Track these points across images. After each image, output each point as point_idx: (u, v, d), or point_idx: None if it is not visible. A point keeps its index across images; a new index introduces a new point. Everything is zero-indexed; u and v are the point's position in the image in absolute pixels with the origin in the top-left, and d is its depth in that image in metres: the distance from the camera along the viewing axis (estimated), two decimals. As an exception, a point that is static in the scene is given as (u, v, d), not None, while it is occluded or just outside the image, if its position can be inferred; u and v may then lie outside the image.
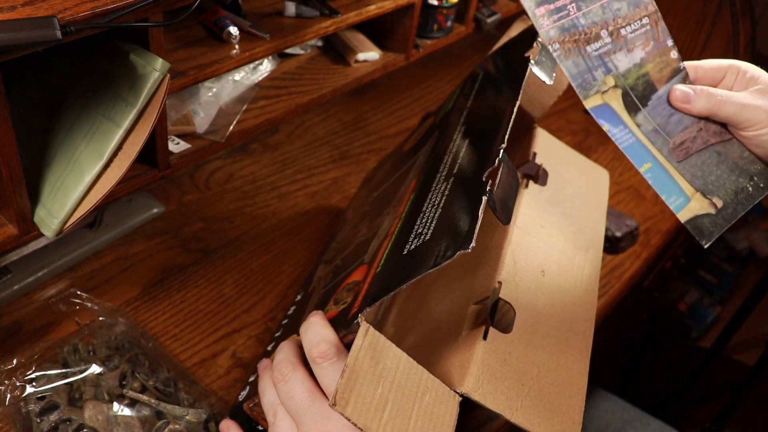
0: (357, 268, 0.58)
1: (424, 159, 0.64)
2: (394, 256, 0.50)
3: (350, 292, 0.54)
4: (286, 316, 0.69)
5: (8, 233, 0.54)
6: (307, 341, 0.47)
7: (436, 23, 0.89)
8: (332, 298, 0.57)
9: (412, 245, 0.48)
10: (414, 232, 0.50)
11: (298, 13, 0.71)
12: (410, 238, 0.49)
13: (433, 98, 1.12)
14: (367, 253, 0.58)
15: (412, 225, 0.51)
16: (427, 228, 0.48)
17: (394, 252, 0.51)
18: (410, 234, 0.50)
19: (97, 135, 0.52)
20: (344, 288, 0.56)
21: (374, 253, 0.56)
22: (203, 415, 0.58)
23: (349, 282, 0.56)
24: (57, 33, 0.43)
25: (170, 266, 0.76)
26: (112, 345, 0.62)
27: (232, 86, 0.75)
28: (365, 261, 0.57)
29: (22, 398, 0.55)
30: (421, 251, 0.46)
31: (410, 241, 0.49)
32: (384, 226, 0.60)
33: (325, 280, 0.66)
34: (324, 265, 0.71)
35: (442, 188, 0.52)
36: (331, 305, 0.55)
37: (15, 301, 0.69)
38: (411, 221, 0.52)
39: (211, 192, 0.87)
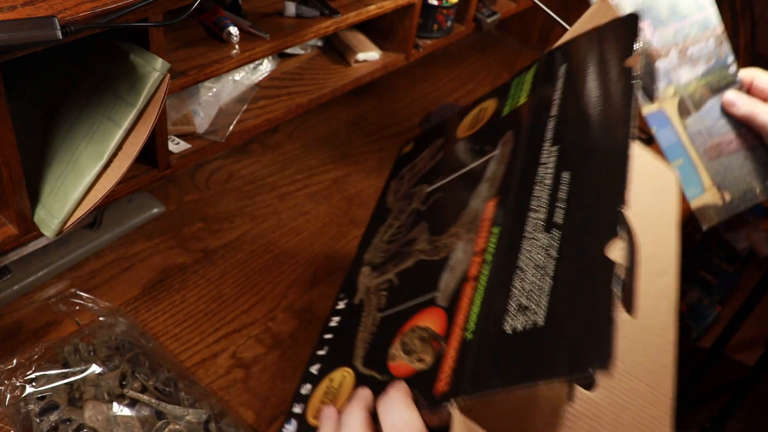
0: (428, 307, 0.50)
1: (501, 174, 0.54)
2: (493, 328, 0.42)
3: (425, 345, 0.46)
4: (329, 328, 0.60)
5: (8, 233, 0.54)
6: (389, 424, 0.42)
7: (436, 23, 0.89)
8: (396, 337, 0.50)
9: (517, 323, 0.40)
10: (514, 298, 0.42)
11: (298, 13, 0.71)
12: (510, 308, 0.41)
13: (433, 98, 1.12)
14: (440, 291, 0.50)
15: (507, 285, 0.43)
16: (535, 303, 0.40)
17: (490, 321, 0.42)
18: (508, 299, 0.42)
19: (97, 135, 0.52)
20: (413, 332, 0.49)
21: (452, 298, 0.48)
22: (203, 415, 0.58)
23: (419, 326, 0.49)
24: (57, 33, 0.43)
25: (170, 266, 0.76)
26: (112, 345, 0.62)
27: (232, 86, 0.75)
28: (439, 303, 0.49)
29: (22, 398, 0.55)
30: (533, 341, 0.38)
31: (512, 314, 0.41)
32: (457, 257, 0.51)
33: (378, 298, 0.57)
34: (370, 270, 0.61)
35: (544, 242, 0.43)
36: (399, 351, 0.48)
37: (15, 301, 0.69)
38: (505, 277, 0.44)
39: (211, 192, 0.87)
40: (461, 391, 0.40)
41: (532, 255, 0.43)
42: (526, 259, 0.43)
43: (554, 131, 0.52)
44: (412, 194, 0.66)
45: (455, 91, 1.14)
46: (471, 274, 0.48)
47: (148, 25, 0.52)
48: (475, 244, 0.50)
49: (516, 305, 0.41)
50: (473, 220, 0.53)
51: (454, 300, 0.47)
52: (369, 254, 0.64)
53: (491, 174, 0.56)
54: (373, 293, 0.58)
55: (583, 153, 0.47)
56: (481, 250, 0.49)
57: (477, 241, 0.50)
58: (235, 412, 0.63)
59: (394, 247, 0.61)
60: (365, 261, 0.63)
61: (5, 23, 0.42)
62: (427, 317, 0.49)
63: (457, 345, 0.43)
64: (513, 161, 0.54)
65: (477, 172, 0.58)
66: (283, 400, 0.65)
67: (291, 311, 0.73)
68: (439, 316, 0.48)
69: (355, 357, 0.53)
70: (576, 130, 0.50)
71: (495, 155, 0.58)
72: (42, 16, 0.44)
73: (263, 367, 0.67)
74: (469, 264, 0.49)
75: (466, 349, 0.42)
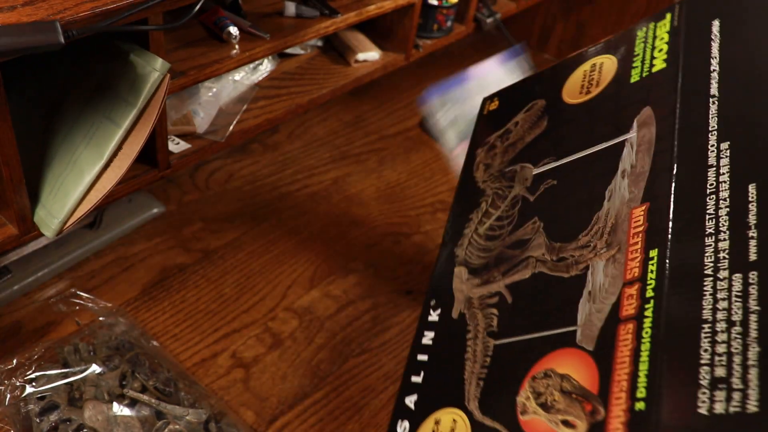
0: (564, 347, 0.39)
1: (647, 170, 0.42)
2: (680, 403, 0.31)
3: (573, 403, 0.36)
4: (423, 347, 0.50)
5: (8, 233, 0.54)
6: None
7: (436, 23, 0.89)
8: (524, 381, 0.40)
9: (716, 404, 0.29)
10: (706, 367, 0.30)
11: (298, 13, 0.71)
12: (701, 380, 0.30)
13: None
14: (579, 327, 0.39)
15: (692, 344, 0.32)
16: (740, 379, 0.29)
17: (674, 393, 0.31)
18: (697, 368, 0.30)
19: (97, 135, 0.52)
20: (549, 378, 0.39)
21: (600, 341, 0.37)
22: (203, 415, 0.58)
23: (555, 371, 0.39)
24: (59, 37, 0.43)
25: (170, 266, 0.76)
26: (112, 345, 0.62)
27: (232, 86, 0.75)
28: (582, 344, 0.38)
29: (22, 398, 0.55)
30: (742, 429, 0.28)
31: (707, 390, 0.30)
32: (598, 280, 0.40)
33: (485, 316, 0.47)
34: (468, 274, 0.51)
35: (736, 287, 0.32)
36: (531, 401, 0.39)
37: (15, 301, 0.69)
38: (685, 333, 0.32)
39: (211, 192, 0.87)
40: None
41: (719, 303, 0.32)
42: (712, 309, 0.32)
43: (720, 119, 0.39)
44: (511, 174, 0.54)
45: (455, 91, 1.14)
46: (626, 312, 0.37)
47: (149, 29, 0.52)
48: (624, 269, 0.39)
49: (708, 378, 0.30)
50: (614, 231, 0.42)
51: (604, 345, 0.37)
52: (461, 250, 0.53)
53: (629, 167, 0.44)
54: (478, 309, 0.48)
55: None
56: (634, 279, 0.38)
57: (626, 264, 0.39)
58: (235, 412, 0.63)
59: (497, 245, 0.50)
60: (459, 259, 0.52)
61: (7, 28, 0.42)
62: (565, 360, 0.39)
63: (623, 415, 0.33)
64: (662, 154, 0.41)
65: (606, 159, 0.46)
66: (283, 400, 0.65)
67: (291, 311, 0.73)
68: (585, 363, 0.37)
69: (467, 397, 0.43)
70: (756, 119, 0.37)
71: (630, 139, 0.45)
72: (44, 20, 0.44)
73: (263, 367, 0.67)
74: (619, 296, 0.38)
75: (640, 422, 0.32)
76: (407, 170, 0.96)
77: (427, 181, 0.95)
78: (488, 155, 0.57)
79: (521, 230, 0.49)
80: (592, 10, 1.19)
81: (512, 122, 0.58)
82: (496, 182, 0.55)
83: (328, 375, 0.68)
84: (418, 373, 0.48)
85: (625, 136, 0.45)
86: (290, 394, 0.65)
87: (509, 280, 0.47)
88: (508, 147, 0.57)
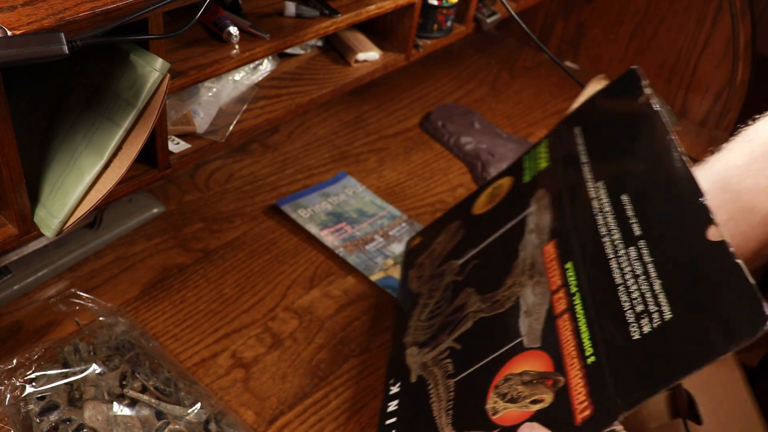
0: (516, 354, 0.50)
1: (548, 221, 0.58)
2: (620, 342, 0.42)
3: (536, 386, 0.46)
4: (389, 414, 0.59)
5: (8, 233, 0.54)
6: None
7: (436, 23, 0.89)
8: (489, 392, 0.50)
9: (644, 327, 0.41)
10: (629, 311, 0.43)
11: (298, 13, 0.71)
12: (629, 319, 0.42)
13: (433, 98, 1.12)
14: (524, 336, 0.51)
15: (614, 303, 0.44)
16: (654, 305, 0.41)
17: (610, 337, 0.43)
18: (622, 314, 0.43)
19: (97, 135, 0.52)
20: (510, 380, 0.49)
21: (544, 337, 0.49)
22: (203, 415, 0.58)
23: (513, 373, 0.49)
24: (63, 48, 0.44)
25: (170, 266, 0.76)
26: (112, 345, 0.62)
27: (232, 86, 0.75)
28: (530, 345, 0.49)
29: (22, 398, 0.55)
30: (669, 334, 0.39)
31: (635, 323, 0.42)
32: (530, 300, 0.53)
33: (441, 367, 0.57)
34: (418, 349, 0.62)
35: (632, 255, 0.46)
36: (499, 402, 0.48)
37: (15, 301, 0.69)
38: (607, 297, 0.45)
39: (211, 192, 0.87)
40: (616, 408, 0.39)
41: (625, 269, 0.45)
42: (621, 275, 0.45)
43: (593, 172, 0.56)
44: (441, 272, 0.68)
45: (455, 91, 1.15)
46: (559, 310, 0.49)
47: (151, 38, 0.52)
48: (548, 284, 0.52)
49: (633, 315, 0.42)
50: (532, 266, 0.55)
51: (548, 338, 0.48)
52: (409, 337, 0.65)
53: (535, 226, 0.59)
54: (434, 366, 0.58)
55: (634, 176, 0.51)
56: (559, 287, 0.51)
57: (549, 281, 0.52)
58: (235, 412, 0.63)
59: (439, 320, 0.62)
60: (408, 344, 0.64)
61: (13, 39, 0.42)
62: (520, 363, 0.49)
63: (580, 372, 0.44)
64: (558, 208, 0.57)
65: (515, 231, 0.61)
66: (283, 400, 0.65)
67: (291, 311, 0.73)
68: (537, 357, 0.48)
69: (441, 428, 0.52)
70: (616, 165, 0.54)
71: (531, 211, 0.61)
72: (48, 30, 0.44)
73: (263, 367, 0.67)
74: (550, 303, 0.50)
75: (596, 371, 0.42)
76: (407, 170, 0.96)
77: (427, 181, 0.95)
78: (419, 271, 0.72)
79: (457, 300, 0.61)
80: (592, 10, 1.19)
81: (435, 242, 0.74)
82: (429, 282, 0.68)
83: (328, 375, 0.68)
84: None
85: (527, 212, 0.61)
86: (290, 394, 0.65)
87: (455, 335, 0.58)
88: (434, 258, 0.71)
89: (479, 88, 1.17)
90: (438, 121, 1.04)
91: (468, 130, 1.03)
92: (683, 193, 0.45)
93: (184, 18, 0.54)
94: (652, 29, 1.14)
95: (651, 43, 1.15)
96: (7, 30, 0.43)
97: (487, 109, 1.11)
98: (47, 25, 0.44)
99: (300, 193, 0.88)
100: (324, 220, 0.84)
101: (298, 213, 0.84)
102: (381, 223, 0.85)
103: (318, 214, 0.84)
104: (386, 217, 0.86)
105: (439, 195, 0.93)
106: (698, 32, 1.09)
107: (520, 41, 1.31)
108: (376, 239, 0.82)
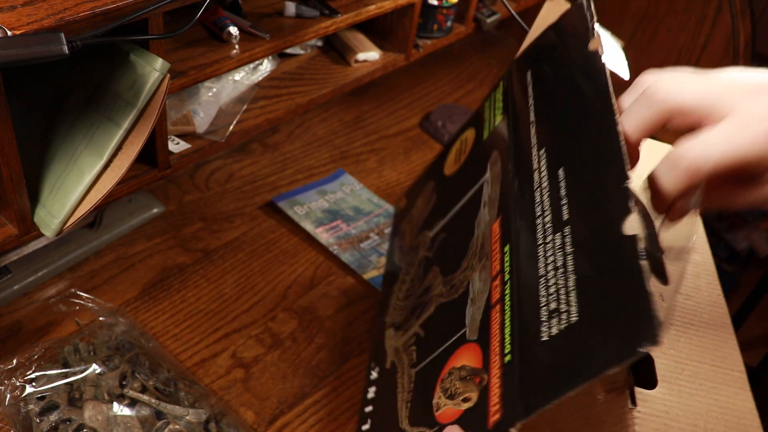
0: (459, 346, 0.48)
1: (497, 193, 0.53)
2: (528, 341, 0.40)
3: (468, 383, 0.44)
4: (368, 401, 0.59)
5: (8, 233, 0.54)
6: None
7: (436, 23, 0.89)
8: (437, 386, 0.48)
9: (552, 328, 0.38)
10: (544, 307, 0.39)
11: (298, 13, 0.71)
12: (542, 317, 0.39)
13: (433, 98, 1.12)
14: (467, 327, 0.48)
15: (534, 296, 0.41)
16: (565, 303, 0.38)
17: (524, 335, 0.40)
18: (538, 310, 0.40)
19: (97, 135, 0.52)
20: (452, 375, 0.47)
21: (481, 329, 0.46)
22: (203, 415, 0.58)
23: (455, 367, 0.47)
24: (63, 48, 0.44)
25: (170, 266, 0.76)
26: (112, 345, 0.62)
27: (232, 86, 0.75)
28: (470, 338, 0.47)
29: (22, 398, 0.55)
30: (573, 339, 0.36)
31: (546, 322, 0.39)
32: (476, 287, 0.50)
33: (408, 355, 0.56)
34: (394, 331, 0.60)
35: (557, 243, 0.41)
36: (443, 398, 0.46)
37: (15, 301, 0.69)
38: (529, 291, 0.41)
39: (211, 192, 0.87)
40: (516, 414, 0.37)
41: (548, 259, 0.41)
42: (545, 265, 0.41)
43: (537, 135, 0.50)
44: (416, 245, 0.65)
45: (455, 91, 1.14)
46: (494, 299, 0.45)
47: (151, 38, 0.52)
48: (491, 270, 0.48)
49: (546, 312, 0.39)
50: (482, 247, 0.51)
51: (483, 330, 0.45)
52: (389, 316, 0.63)
53: (487, 197, 0.54)
54: (403, 352, 0.56)
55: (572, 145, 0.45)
56: (497, 273, 0.46)
57: (492, 265, 0.48)
58: (235, 412, 0.63)
59: (411, 301, 0.60)
60: (387, 324, 0.63)
61: (13, 39, 0.42)
62: (461, 356, 0.47)
63: (498, 371, 0.41)
64: (505, 178, 0.52)
65: (474, 201, 0.56)
66: (283, 400, 0.65)
67: (291, 311, 0.73)
68: (473, 351, 0.45)
69: (400, 420, 0.51)
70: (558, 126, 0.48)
71: (486, 178, 0.56)
72: (48, 30, 0.44)
73: (263, 367, 0.67)
74: (490, 290, 0.47)
75: (509, 371, 0.40)
76: (407, 170, 0.96)
77: (427, 181, 0.95)
78: (401, 240, 0.71)
79: (426, 281, 0.59)
80: (592, 10, 1.19)
81: (414, 207, 0.71)
82: (407, 256, 0.67)
83: (328, 375, 0.68)
84: (366, 422, 0.57)
85: (483, 178, 0.57)
86: (290, 394, 0.65)
87: (421, 320, 0.56)
88: (413, 227, 0.69)
89: (479, 88, 1.17)
90: (438, 121, 1.04)
91: (468, 130, 1.03)
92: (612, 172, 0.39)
93: (184, 18, 0.54)
94: (652, 29, 1.14)
95: (651, 43, 1.15)
96: (7, 30, 0.43)
97: (487, 109, 1.11)
98: (47, 25, 0.44)
99: (297, 190, 0.88)
100: (320, 218, 0.84)
101: (294, 210, 0.84)
102: (377, 221, 0.86)
103: (314, 212, 0.85)
104: (382, 215, 0.86)
105: (439, 195, 0.93)
106: (698, 32, 1.09)
107: (520, 41, 1.31)
108: (372, 237, 0.83)
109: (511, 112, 0.56)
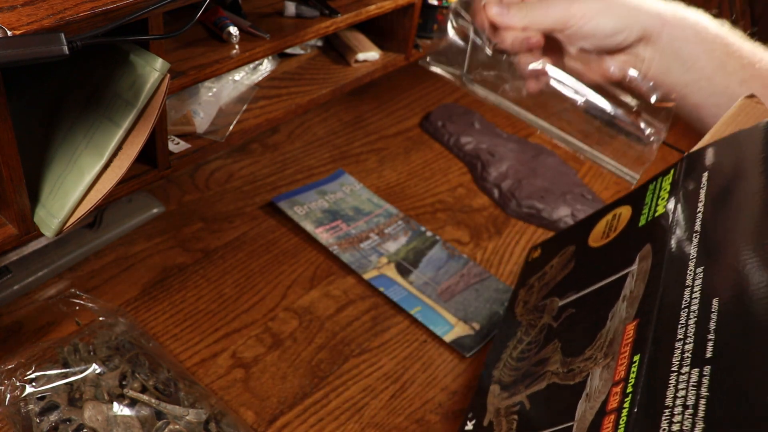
0: None
1: (641, 293, 0.49)
2: None
3: None
4: None
5: (8, 233, 0.54)
6: None
7: (436, 23, 0.89)
8: None
9: None
10: None
11: (298, 13, 0.71)
12: None
13: (433, 98, 1.12)
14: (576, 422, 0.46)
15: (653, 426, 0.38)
16: None
17: None
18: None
19: (97, 135, 0.52)
20: None
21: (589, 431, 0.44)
22: (203, 415, 0.58)
23: None
24: (63, 48, 0.44)
25: (170, 266, 0.76)
26: (112, 345, 0.61)
27: (232, 86, 0.75)
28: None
29: (22, 398, 0.55)
30: None
31: None
32: (595, 384, 0.47)
33: (508, 422, 0.54)
34: (500, 390, 0.59)
35: (694, 379, 0.38)
36: None
37: (15, 301, 0.69)
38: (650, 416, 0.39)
39: (211, 192, 0.87)
40: None
41: (679, 392, 0.38)
42: (673, 398, 0.38)
43: (699, 249, 0.46)
44: (542, 307, 0.63)
45: (455, 91, 1.14)
46: (610, 406, 0.43)
47: (151, 38, 0.52)
48: (614, 372, 0.45)
49: None
50: (611, 344, 0.48)
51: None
52: (498, 371, 0.61)
53: (629, 292, 0.51)
54: (504, 416, 0.55)
55: (736, 278, 0.41)
56: (620, 380, 0.44)
57: (616, 369, 0.45)
58: (235, 412, 0.63)
59: (525, 365, 0.58)
60: (494, 378, 0.61)
61: (13, 39, 0.42)
62: None
63: None
64: (653, 280, 0.49)
65: (613, 289, 0.54)
66: (283, 400, 0.65)
67: (291, 311, 0.73)
68: None
69: None
70: (724, 250, 0.44)
71: (632, 270, 0.53)
72: (48, 30, 0.44)
73: (263, 367, 0.67)
74: (608, 394, 0.44)
75: None
76: (407, 170, 0.96)
77: (427, 181, 0.95)
78: (527, 294, 0.69)
79: (544, 351, 0.57)
80: (592, 10, 1.19)
81: (549, 265, 0.69)
82: (530, 315, 0.65)
83: (328, 375, 0.68)
84: None
85: (629, 269, 0.54)
86: (290, 394, 0.65)
87: (530, 391, 0.55)
88: (542, 286, 0.67)
89: (479, 88, 1.17)
90: (438, 121, 1.04)
91: (468, 130, 1.03)
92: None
93: (184, 18, 0.54)
94: (652, 29, 1.13)
95: (651, 43, 1.15)
96: (7, 30, 0.43)
97: (487, 109, 1.11)
98: (47, 25, 0.44)
99: (297, 190, 0.88)
100: (320, 218, 0.84)
101: (294, 210, 0.84)
102: (377, 221, 0.86)
103: (314, 212, 0.85)
104: (382, 215, 0.87)
105: (439, 195, 0.93)
106: (698, 32, 1.09)
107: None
108: (371, 237, 0.83)
109: (676, 211, 0.53)
